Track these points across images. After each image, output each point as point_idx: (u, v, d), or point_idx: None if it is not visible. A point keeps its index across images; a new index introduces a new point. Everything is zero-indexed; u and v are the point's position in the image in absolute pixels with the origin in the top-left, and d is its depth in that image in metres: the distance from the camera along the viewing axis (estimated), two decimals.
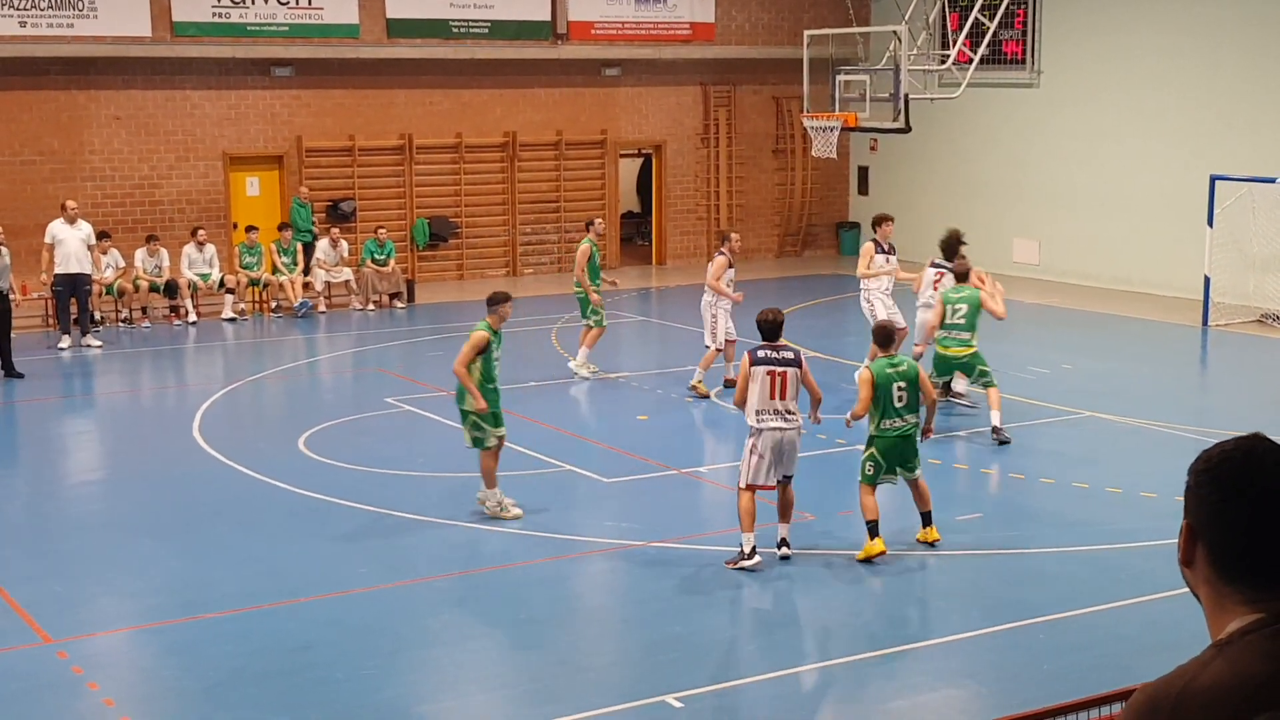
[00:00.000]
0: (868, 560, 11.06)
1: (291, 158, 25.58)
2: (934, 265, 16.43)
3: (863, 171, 30.80)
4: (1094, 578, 11.11)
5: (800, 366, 11.09)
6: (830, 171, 30.12)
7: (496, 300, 12.44)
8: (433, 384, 17.95)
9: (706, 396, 16.86)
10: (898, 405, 11.24)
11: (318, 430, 15.57)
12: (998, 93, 26.85)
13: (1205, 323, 21.77)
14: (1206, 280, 22.00)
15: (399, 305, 24.35)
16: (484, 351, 12.19)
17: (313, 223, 24.62)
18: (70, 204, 20.97)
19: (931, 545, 11.40)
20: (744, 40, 29.05)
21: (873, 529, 11.08)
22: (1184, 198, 23.55)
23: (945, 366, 15.23)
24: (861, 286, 17.31)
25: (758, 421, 11.14)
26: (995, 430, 14.61)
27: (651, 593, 10.78)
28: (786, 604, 10.72)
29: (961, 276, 15.42)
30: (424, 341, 21.43)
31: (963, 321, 14.89)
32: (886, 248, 17.26)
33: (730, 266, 17.35)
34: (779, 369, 11.02)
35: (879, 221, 17.61)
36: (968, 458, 14.28)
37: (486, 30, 26.61)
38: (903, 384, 11.25)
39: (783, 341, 11.32)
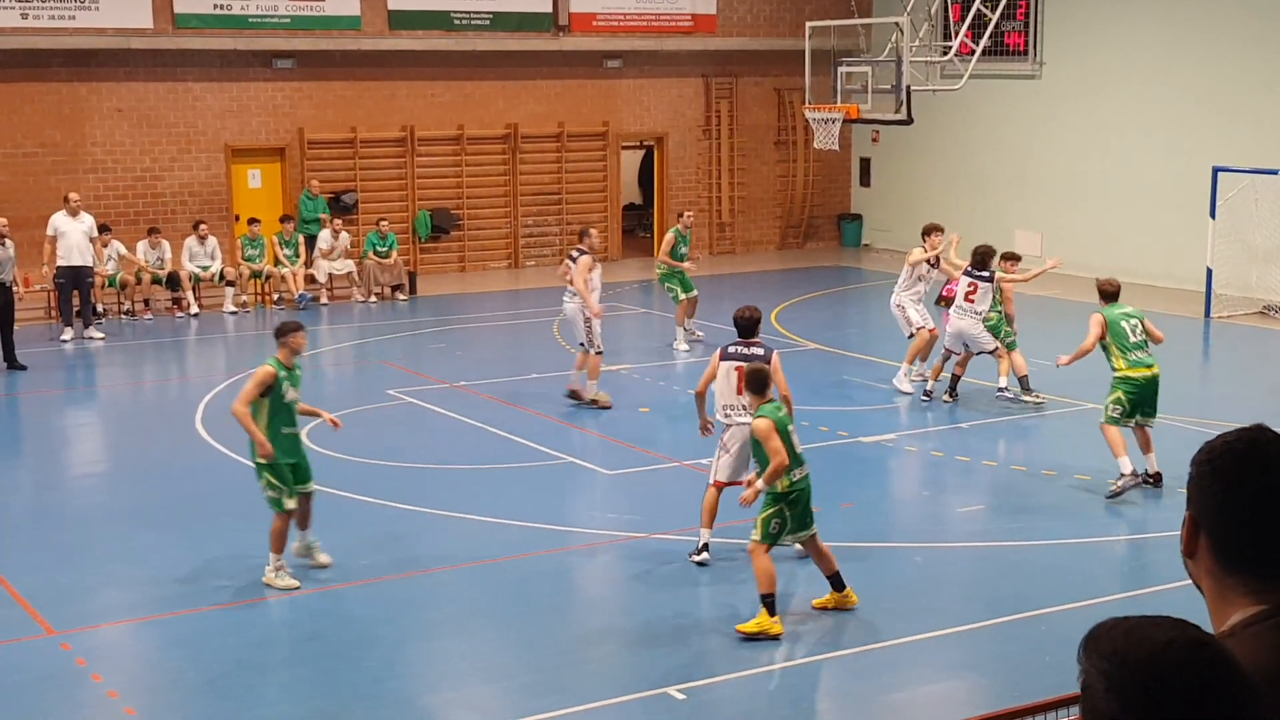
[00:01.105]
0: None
1: (293, 150, 25.57)
2: (969, 274, 15.99)
3: (865, 163, 30.77)
4: (1096, 570, 11.11)
5: (769, 364, 10.77)
6: (832, 163, 30.10)
7: (286, 331, 10.83)
8: (435, 376, 17.96)
9: (609, 406, 15.95)
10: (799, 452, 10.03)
11: (319, 422, 15.55)
12: (1000, 84, 26.82)
13: (1208, 314, 21.77)
14: (1209, 272, 21.99)
15: (401, 297, 24.35)
16: (271, 391, 10.53)
17: (319, 218, 24.61)
18: (73, 196, 20.98)
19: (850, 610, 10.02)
20: (745, 32, 29.03)
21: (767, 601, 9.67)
22: (1186, 189, 23.54)
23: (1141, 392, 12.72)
24: (894, 290, 16.88)
25: (725, 417, 11.13)
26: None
27: (654, 584, 10.80)
28: (789, 596, 10.72)
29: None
30: (426, 334, 21.43)
31: (1143, 339, 12.77)
32: (932, 261, 16.66)
33: (596, 266, 16.47)
34: (745, 365, 10.88)
35: (928, 232, 16.93)
36: (970, 449, 14.28)
37: (488, 22, 26.59)
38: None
39: (756, 339, 11.29)
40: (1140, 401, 12.41)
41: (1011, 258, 16.67)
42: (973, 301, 15.76)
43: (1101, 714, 1.95)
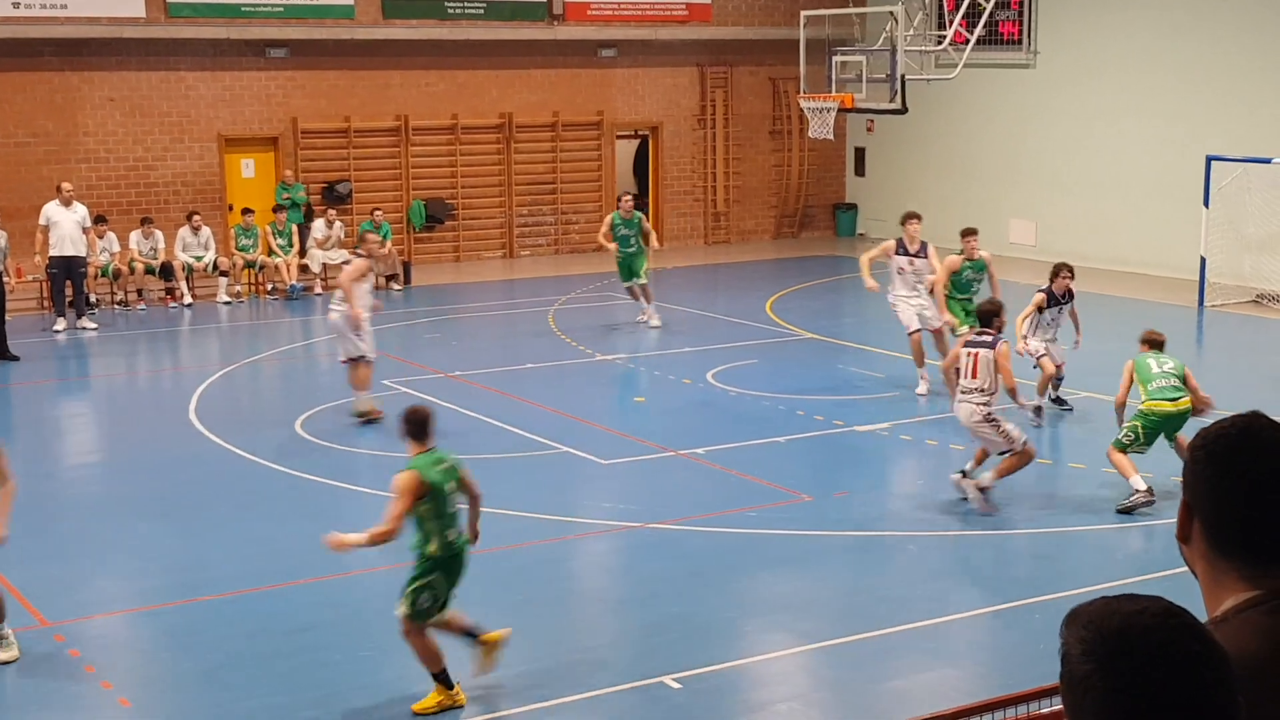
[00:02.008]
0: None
1: (287, 139, 25.52)
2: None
3: (859, 153, 30.75)
4: (1090, 557, 11.12)
5: (994, 351, 11.78)
6: (827, 153, 30.07)
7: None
8: (430, 366, 17.94)
9: (379, 418, 14.77)
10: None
11: (314, 412, 15.56)
12: (994, 73, 26.80)
13: (1201, 303, 21.78)
14: (1202, 261, 22.00)
15: (395, 287, 24.31)
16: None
17: (302, 204, 24.56)
18: (65, 186, 20.93)
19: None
20: (740, 21, 28.98)
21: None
22: (1180, 178, 23.54)
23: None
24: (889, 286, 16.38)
25: (957, 397, 12.08)
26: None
27: (649, 574, 10.80)
28: (784, 585, 10.72)
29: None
30: (420, 324, 21.40)
31: (1173, 377, 12.03)
32: (914, 250, 16.06)
33: (370, 272, 15.24)
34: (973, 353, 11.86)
35: (905, 219, 16.30)
36: (964, 438, 14.25)
37: (482, 11, 26.53)
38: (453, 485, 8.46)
39: (989, 329, 12.04)
40: (1157, 433, 12.05)
41: (970, 232, 16.11)
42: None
43: (1077, 678, 2.06)
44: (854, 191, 30.98)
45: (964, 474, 12.14)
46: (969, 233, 16.12)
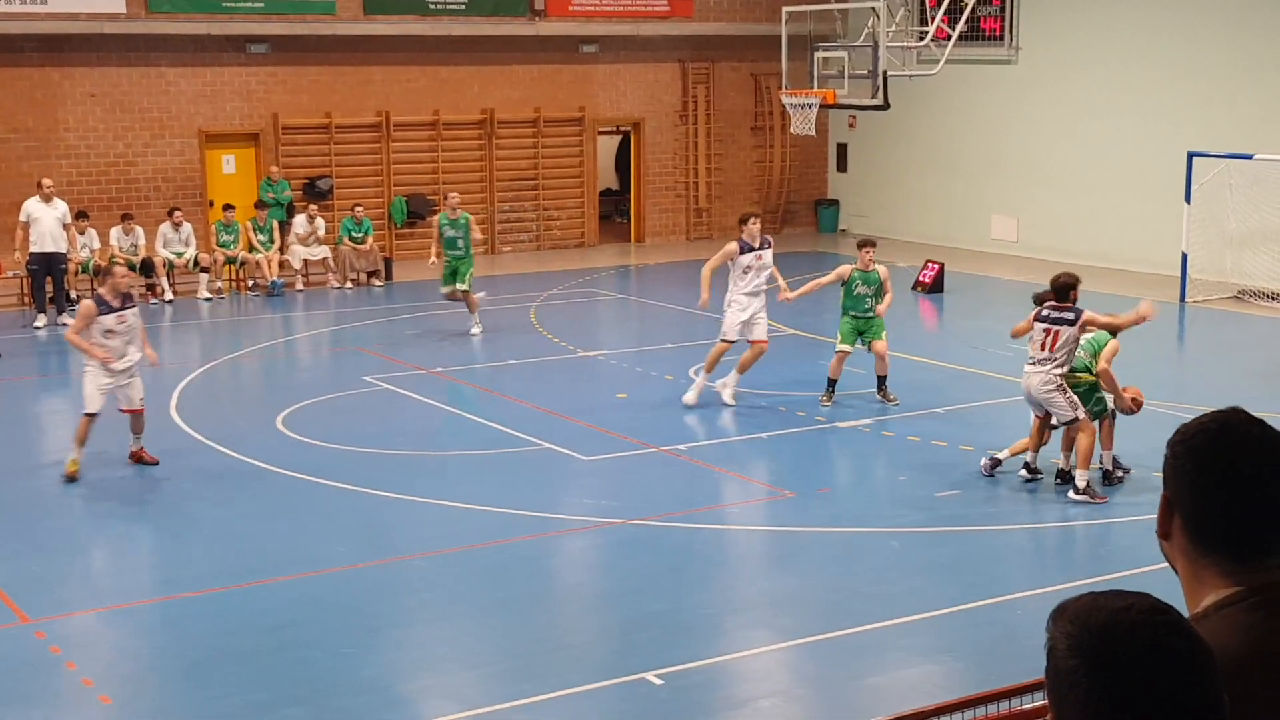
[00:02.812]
0: None
1: (268, 135, 25.44)
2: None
3: (841, 149, 30.78)
4: (1072, 553, 11.16)
5: (1076, 325, 11.98)
6: (809, 149, 30.09)
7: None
8: (411, 362, 17.91)
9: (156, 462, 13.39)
10: None
11: (295, 409, 15.52)
12: (976, 69, 26.85)
13: (1183, 299, 21.85)
14: (1184, 257, 22.07)
15: (376, 283, 24.27)
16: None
17: (286, 202, 24.50)
18: (46, 182, 20.84)
19: None
20: (722, 17, 28.98)
21: None
22: (1162, 174, 23.62)
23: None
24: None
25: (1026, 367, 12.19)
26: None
27: (631, 570, 10.80)
28: (766, 581, 10.73)
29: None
30: (402, 320, 21.37)
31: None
32: (758, 244, 15.38)
33: (103, 314, 12.97)
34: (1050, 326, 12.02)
35: (743, 220, 15.54)
36: (946, 434, 14.31)
37: (464, 6, 26.48)
38: None
39: (1068, 304, 12.06)
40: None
41: (867, 244, 15.62)
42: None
43: (1063, 673, 2.08)
44: (836, 187, 31.01)
45: (1030, 469, 12.48)
46: (866, 244, 15.68)
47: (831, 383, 15.48)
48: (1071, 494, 12.10)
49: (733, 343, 15.47)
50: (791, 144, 29.55)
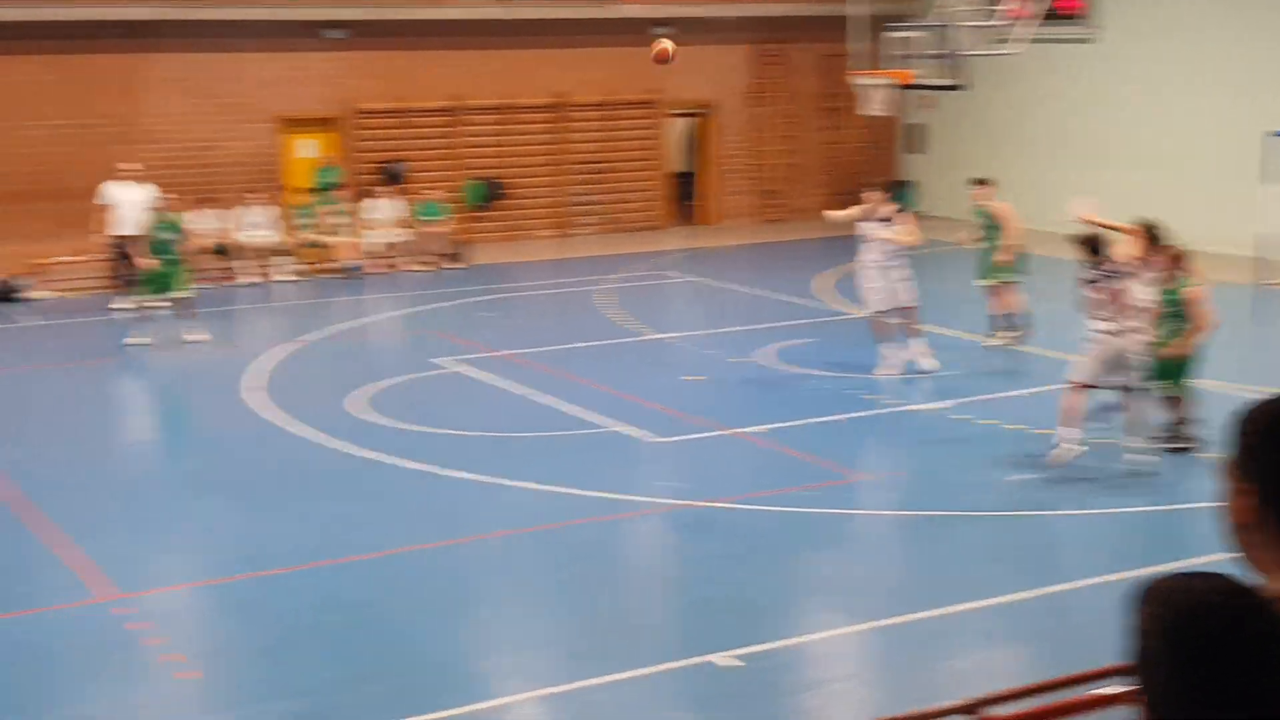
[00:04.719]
0: None
1: (344, 120, 25.70)
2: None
3: (914, 130, 30.58)
4: (1144, 539, 11.09)
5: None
6: (881, 130, 29.92)
7: None
8: (483, 344, 18.07)
9: None
10: None
11: (370, 390, 15.72)
12: (1054, 48, 26.55)
13: (1258, 280, 21.56)
14: (1260, 237, 21.77)
15: (449, 266, 24.46)
16: None
17: (333, 189, 24.69)
18: (125, 166, 21.22)
19: None
20: None
21: None
22: (1237, 154, 23.30)
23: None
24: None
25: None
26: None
27: (701, 553, 10.87)
28: (836, 565, 10.77)
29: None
30: (474, 302, 21.54)
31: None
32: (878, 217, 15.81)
33: None
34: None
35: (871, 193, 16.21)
36: (1022, 417, 14.21)
37: None
38: None
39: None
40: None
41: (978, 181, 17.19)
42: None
43: (1149, 654, 2.14)
44: (910, 169, 30.83)
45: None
46: (976, 181, 17.62)
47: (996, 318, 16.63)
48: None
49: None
50: (863, 125, 29.39)
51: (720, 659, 8.73)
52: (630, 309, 20.40)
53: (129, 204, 20.75)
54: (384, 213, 24.44)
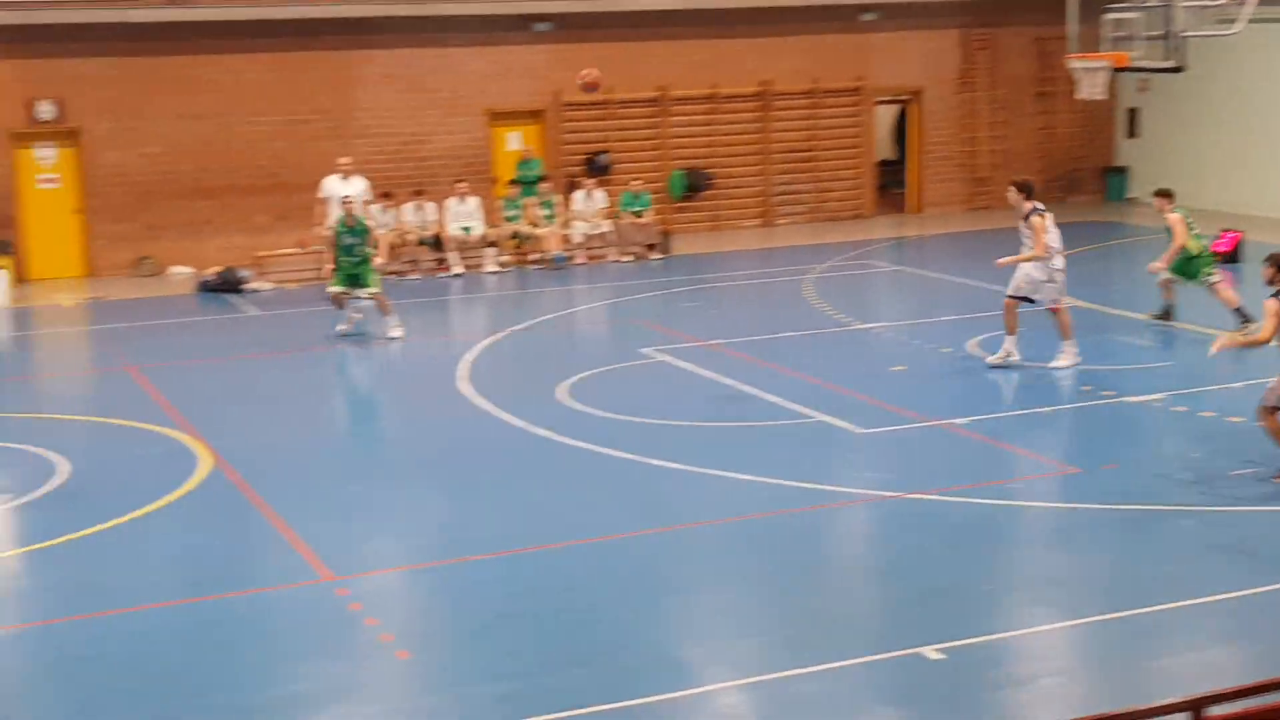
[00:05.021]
0: None
1: (551, 112, 26.06)
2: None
3: (1131, 114, 29.67)
4: None
5: None
6: (1096, 114, 29.12)
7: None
8: (688, 334, 18.13)
9: None
10: None
11: (576, 379, 15.91)
12: (1270, 26, 25.48)
13: None
14: None
15: (654, 256, 24.60)
16: None
17: (537, 181, 24.95)
18: (343, 160, 21.90)
19: None
20: None
21: None
22: None
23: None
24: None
25: None
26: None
27: (908, 545, 10.74)
28: (1047, 559, 10.53)
29: None
30: (679, 292, 21.62)
31: None
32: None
33: None
34: None
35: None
36: (1243, 409, 13.66)
37: None
38: None
39: None
40: None
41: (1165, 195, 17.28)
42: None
43: None
44: (1125, 154, 29.93)
45: None
46: (1158, 194, 17.57)
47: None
48: None
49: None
50: (1078, 109, 28.64)
51: (929, 651, 8.62)
52: (835, 298, 20.24)
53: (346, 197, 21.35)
54: (589, 204, 24.70)
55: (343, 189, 21.36)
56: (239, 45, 24.16)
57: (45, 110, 23.57)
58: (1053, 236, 15.52)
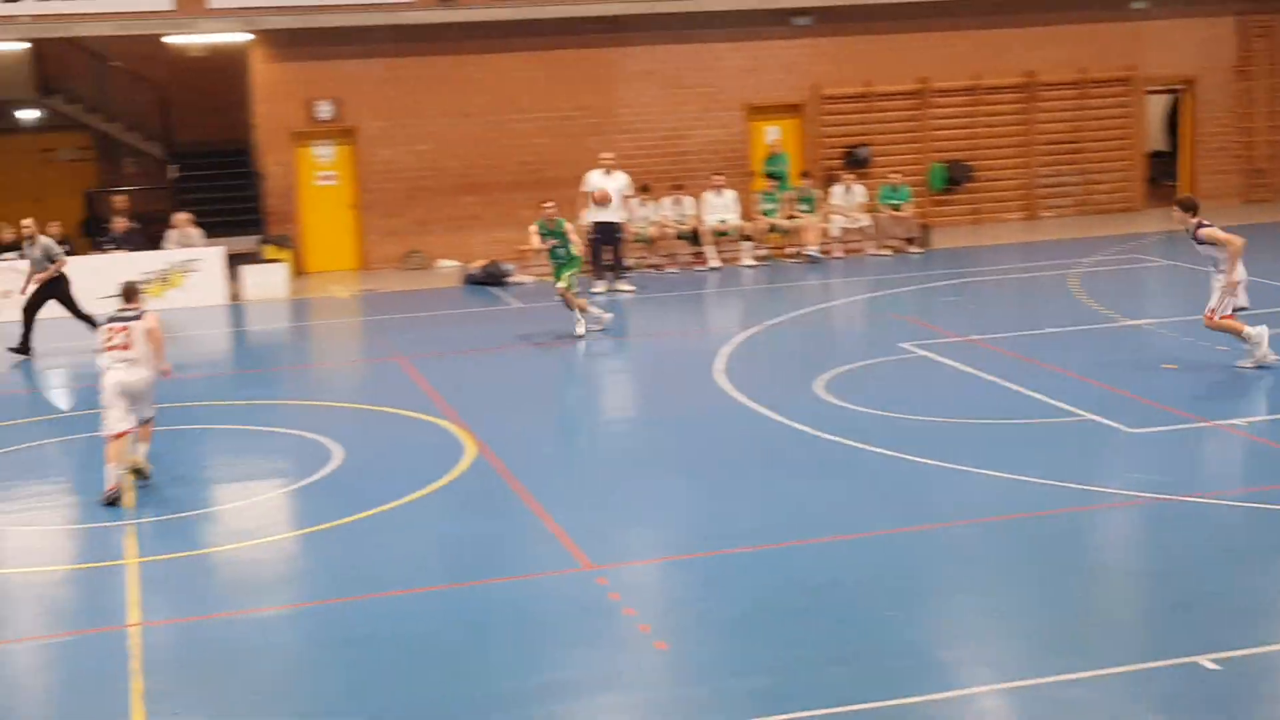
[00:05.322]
0: None
1: (810, 106, 25.95)
2: None
3: None
4: None
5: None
6: None
7: None
8: (948, 329, 17.83)
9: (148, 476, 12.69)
10: None
11: (833, 374, 15.81)
12: None
13: None
14: None
15: (913, 250, 24.28)
16: None
17: (785, 170, 24.85)
18: (605, 155, 22.27)
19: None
20: None
21: None
22: None
23: None
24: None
25: None
26: None
27: (1180, 549, 10.34)
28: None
29: None
30: (939, 287, 21.29)
31: None
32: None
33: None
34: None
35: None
36: None
37: None
38: None
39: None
40: None
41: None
42: None
43: None
44: None
45: None
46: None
47: None
48: None
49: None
50: None
51: (1204, 660, 8.28)
52: (1102, 294, 19.64)
53: (609, 191, 21.69)
54: (848, 198, 24.52)
55: (605, 184, 21.71)
56: (505, 45, 24.78)
57: (324, 110, 24.61)
58: None
